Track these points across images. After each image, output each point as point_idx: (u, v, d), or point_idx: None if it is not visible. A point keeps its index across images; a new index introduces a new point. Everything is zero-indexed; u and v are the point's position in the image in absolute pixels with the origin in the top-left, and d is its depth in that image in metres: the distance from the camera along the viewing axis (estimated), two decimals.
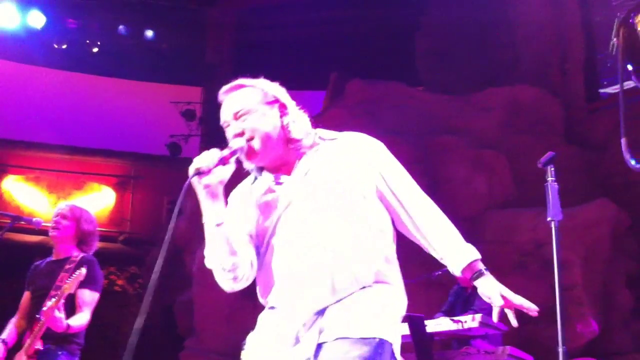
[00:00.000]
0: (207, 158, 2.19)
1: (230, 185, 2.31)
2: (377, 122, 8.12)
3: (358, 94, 8.81)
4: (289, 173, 2.29)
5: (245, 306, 7.44)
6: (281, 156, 2.30)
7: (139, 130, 12.31)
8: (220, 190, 2.21)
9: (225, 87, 2.40)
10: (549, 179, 2.74)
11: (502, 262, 6.93)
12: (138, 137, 12.23)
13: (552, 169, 2.76)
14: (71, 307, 3.90)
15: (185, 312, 8.11)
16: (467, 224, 7.47)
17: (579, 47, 9.41)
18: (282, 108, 2.33)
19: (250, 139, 2.26)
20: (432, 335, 4.68)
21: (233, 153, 2.22)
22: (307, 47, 11.83)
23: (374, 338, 2.07)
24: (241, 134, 2.27)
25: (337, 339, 2.06)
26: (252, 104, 2.31)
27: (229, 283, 2.29)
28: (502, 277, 5.45)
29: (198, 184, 2.18)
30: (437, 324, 4.68)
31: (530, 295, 6.66)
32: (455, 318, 4.63)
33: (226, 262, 2.22)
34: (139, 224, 11.66)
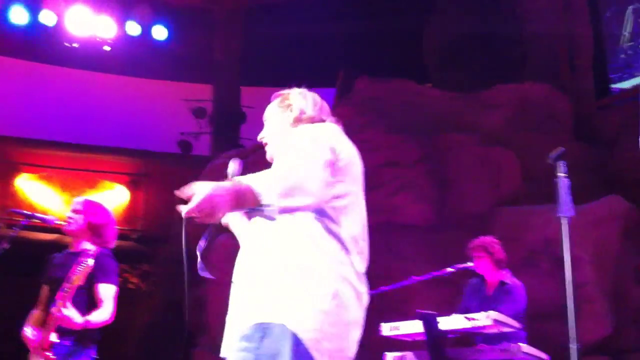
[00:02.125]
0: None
1: None
2: (384, 119, 8.13)
3: (366, 91, 8.82)
4: None
5: None
6: None
7: (150, 128, 12.38)
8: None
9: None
10: (560, 174, 2.71)
11: (511, 260, 6.93)
12: (149, 135, 12.30)
13: (563, 164, 2.73)
14: (91, 302, 3.94)
15: (198, 309, 8.16)
16: (476, 221, 7.48)
17: (588, 42, 9.39)
18: (290, 111, 2.57)
19: (266, 144, 2.61)
20: (445, 332, 4.66)
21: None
22: (316, 43, 11.86)
23: (258, 324, 2.19)
24: (262, 138, 2.62)
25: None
26: (271, 112, 2.63)
27: None
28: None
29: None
30: (450, 322, 4.66)
31: (540, 292, 6.66)
32: (469, 315, 4.61)
33: None
34: (151, 221, 11.71)
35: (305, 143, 2.27)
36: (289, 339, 2.09)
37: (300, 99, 2.59)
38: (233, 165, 2.56)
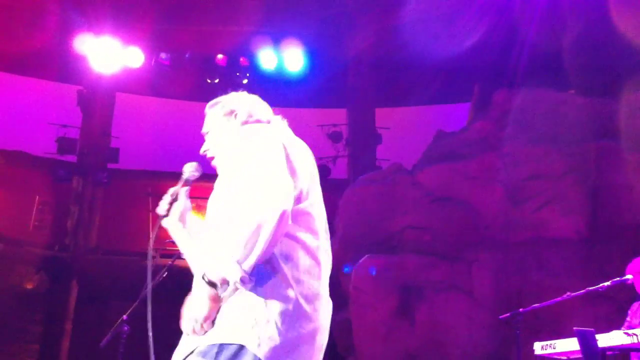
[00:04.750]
0: (162, 204, 2.50)
1: None
2: (526, 131, 7.85)
3: (504, 104, 8.56)
4: None
5: (402, 325, 7.41)
6: None
7: None
8: (182, 225, 2.51)
9: (206, 106, 2.56)
10: None
11: None
12: None
13: None
14: None
15: (344, 331, 8.20)
16: (632, 232, 7.02)
17: None
18: (235, 117, 2.47)
19: (212, 158, 2.48)
20: (604, 350, 4.39)
21: (182, 186, 2.53)
22: (447, 59, 11.69)
23: (213, 345, 2.06)
24: (206, 151, 2.50)
25: (191, 352, 2.12)
26: (212, 123, 2.51)
27: None
28: None
29: (166, 226, 2.51)
30: (610, 338, 4.39)
31: None
32: (630, 331, 4.32)
33: None
34: None
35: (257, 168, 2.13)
36: (249, 357, 2.04)
37: (242, 102, 2.50)
38: (190, 168, 2.54)
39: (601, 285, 4.75)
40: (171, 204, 2.50)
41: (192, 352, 2.12)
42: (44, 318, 11.17)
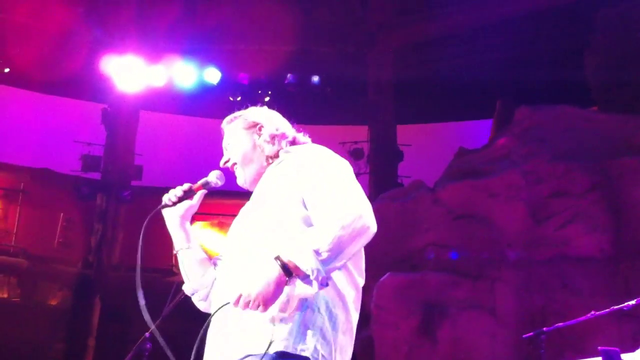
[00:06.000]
0: (172, 193, 2.40)
1: None
2: (549, 148, 7.80)
3: (526, 120, 8.52)
4: None
5: (424, 344, 7.36)
6: (261, 174, 2.40)
7: None
8: (181, 221, 2.41)
9: (223, 122, 2.54)
10: None
11: None
12: None
13: None
14: None
15: (366, 349, 8.16)
16: None
17: None
18: (259, 130, 2.44)
19: (234, 165, 2.44)
20: None
21: (199, 187, 2.42)
22: (469, 76, 11.70)
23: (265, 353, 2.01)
24: (227, 162, 2.46)
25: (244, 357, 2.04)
26: (234, 134, 2.47)
27: (200, 303, 2.42)
28: None
29: (165, 215, 2.41)
30: (635, 358, 4.32)
31: None
32: None
33: (190, 284, 2.40)
34: None
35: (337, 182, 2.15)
36: None
37: (265, 116, 2.49)
38: (216, 174, 2.44)
39: (626, 304, 4.68)
40: (182, 198, 2.39)
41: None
42: (67, 334, 11.25)
